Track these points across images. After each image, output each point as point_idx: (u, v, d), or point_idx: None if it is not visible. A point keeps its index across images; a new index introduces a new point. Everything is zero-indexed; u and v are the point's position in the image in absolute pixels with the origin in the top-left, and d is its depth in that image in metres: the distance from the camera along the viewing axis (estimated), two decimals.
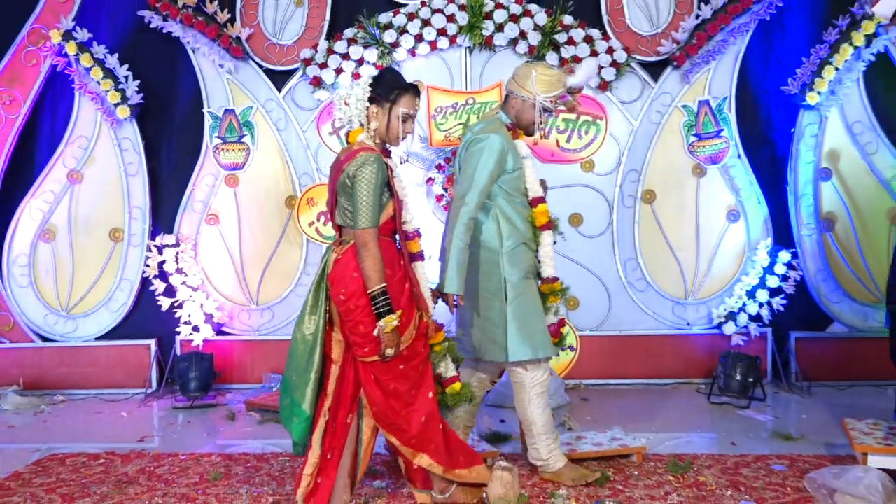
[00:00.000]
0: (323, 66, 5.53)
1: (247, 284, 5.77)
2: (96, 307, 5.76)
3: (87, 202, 5.79)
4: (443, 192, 5.52)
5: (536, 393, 3.57)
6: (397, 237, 3.24)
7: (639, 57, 5.56)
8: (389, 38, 5.47)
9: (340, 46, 5.50)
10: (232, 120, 5.66)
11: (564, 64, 5.37)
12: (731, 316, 5.49)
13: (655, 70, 5.59)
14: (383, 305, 2.96)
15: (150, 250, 5.66)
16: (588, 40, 5.44)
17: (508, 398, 4.58)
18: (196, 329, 5.63)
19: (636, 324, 5.61)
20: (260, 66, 5.68)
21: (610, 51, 5.45)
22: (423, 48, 5.52)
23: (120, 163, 5.72)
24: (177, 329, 5.66)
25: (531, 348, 3.49)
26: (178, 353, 5.61)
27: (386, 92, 3.12)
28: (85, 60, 5.52)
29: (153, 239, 5.69)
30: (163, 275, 5.67)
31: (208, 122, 5.69)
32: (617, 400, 5.21)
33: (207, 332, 5.63)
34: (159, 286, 5.67)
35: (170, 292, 5.67)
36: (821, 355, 5.46)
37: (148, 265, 5.66)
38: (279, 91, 5.68)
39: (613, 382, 5.57)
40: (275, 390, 5.34)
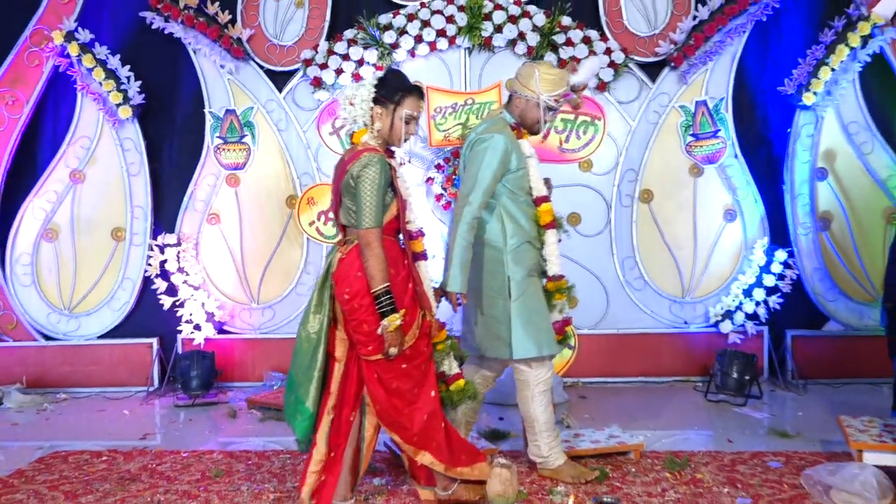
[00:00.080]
0: (323, 67, 5.55)
1: (248, 283, 5.80)
2: (99, 306, 5.78)
3: (90, 202, 5.81)
4: (442, 192, 5.54)
5: (540, 391, 3.57)
6: (401, 237, 3.24)
7: (636, 58, 5.58)
8: (389, 39, 5.50)
9: (340, 47, 5.53)
10: (233, 120, 5.69)
11: (563, 65, 5.39)
12: (728, 314, 5.51)
13: (653, 71, 5.62)
14: (387, 304, 2.97)
15: (152, 249, 5.69)
16: (586, 41, 5.47)
17: (507, 396, 4.61)
18: (197, 328, 5.66)
19: (634, 322, 5.63)
20: (261, 67, 5.70)
21: (608, 51, 5.48)
22: (423, 49, 5.54)
23: (122, 163, 5.75)
24: (178, 328, 5.69)
25: (536, 345, 3.49)
26: (180, 352, 5.63)
27: (390, 93, 3.13)
28: (87, 61, 5.55)
29: (155, 238, 5.71)
30: (164, 274, 5.69)
31: (209, 123, 5.71)
32: (615, 398, 5.23)
33: (209, 331, 5.66)
34: (161, 285, 5.69)
35: (171, 291, 5.70)
36: (817, 353, 5.49)
37: (150, 264, 5.68)
38: (280, 91, 5.71)
39: (611, 380, 5.59)
40: (276, 388, 5.37)
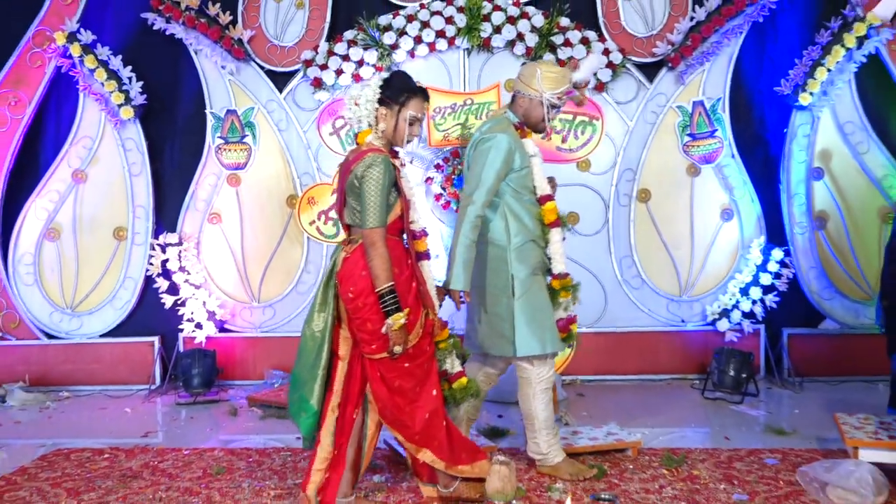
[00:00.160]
0: (323, 68, 5.58)
1: (248, 282, 5.82)
2: (101, 305, 5.81)
3: (92, 202, 5.84)
4: (441, 192, 5.56)
5: (541, 389, 3.60)
6: (405, 236, 3.27)
7: (634, 58, 5.60)
8: (389, 40, 5.52)
9: (340, 48, 5.55)
10: (234, 120, 5.71)
11: (562, 65, 5.41)
12: (725, 313, 5.54)
13: (651, 71, 5.64)
14: (391, 303, 2.99)
15: (154, 249, 5.71)
16: (584, 42, 5.49)
17: (506, 393, 4.63)
18: (199, 326, 5.69)
19: (632, 321, 5.66)
20: (261, 68, 5.72)
21: (606, 52, 5.49)
22: (422, 50, 5.56)
23: (124, 163, 5.77)
24: (180, 326, 5.71)
25: (539, 343, 3.52)
26: (182, 350, 5.65)
27: (395, 94, 3.14)
28: (89, 62, 5.58)
29: (156, 238, 5.74)
30: (166, 273, 5.72)
31: (210, 123, 5.74)
32: (613, 395, 5.26)
33: (210, 329, 5.69)
34: (163, 284, 5.72)
35: (173, 290, 5.72)
36: (813, 351, 5.51)
37: (151, 263, 5.71)
38: (280, 92, 5.73)
39: (609, 378, 5.62)
40: (276, 386, 5.41)
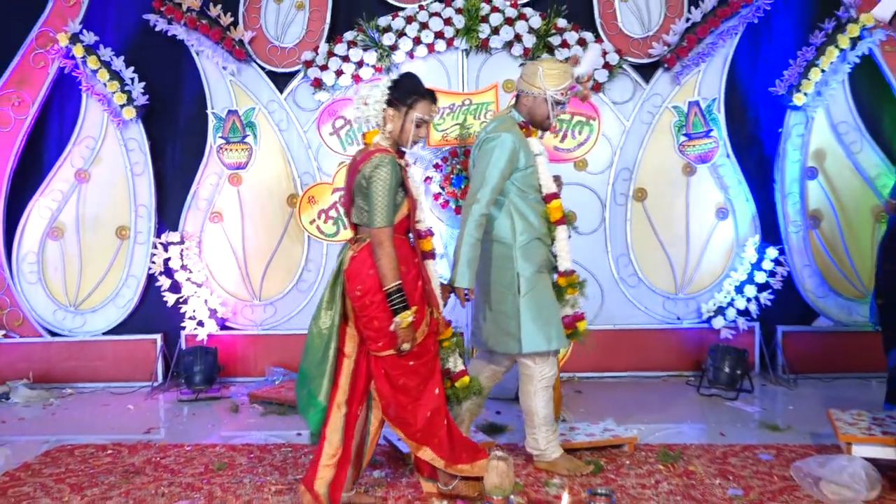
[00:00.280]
0: (323, 69, 5.61)
1: (250, 280, 5.86)
2: (104, 303, 5.84)
3: (95, 201, 5.87)
4: (440, 191, 5.59)
5: (542, 386, 3.64)
6: (411, 236, 3.31)
7: (631, 59, 5.64)
8: (388, 41, 5.54)
9: (340, 49, 5.58)
10: (235, 121, 5.74)
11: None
12: (720, 310, 5.58)
13: (647, 72, 5.67)
14: (399, 302, 3.01)
15: (156, 248, 5.74)
16: (581, 43, 5.51)
17: (505, 390, 4.67)
18: (200, 324, 5.72)
19: (628, 318, 5.69)
20: (262, 69, 5.75)
21: (603, 53, 5.51)
22: (421, 50, 5.59)
23: (126, 162, 5.80)
24: (182, 324, 5.74)
25: (545, 339, 3.55)
26: (184, 348, 5.68)
27: (403, 96, 3.17)
28: (92, 63, 5.60)
29: (159, 236, 5.77)
30: (168, 271, 5.75)
31: (212, 123, 5.76)
32: (609, 392, 5.30)
33: (212, 327, 5.71)
34: (165, 282, 5.74)
35: (175, 288, 5.75)
36: (807, 349, 5.55)
37: (153, 262, 5.74)
38: (281, 92, 5.76)
39: (606, 375, 5.65)
40: (277, 383, 5.45)
